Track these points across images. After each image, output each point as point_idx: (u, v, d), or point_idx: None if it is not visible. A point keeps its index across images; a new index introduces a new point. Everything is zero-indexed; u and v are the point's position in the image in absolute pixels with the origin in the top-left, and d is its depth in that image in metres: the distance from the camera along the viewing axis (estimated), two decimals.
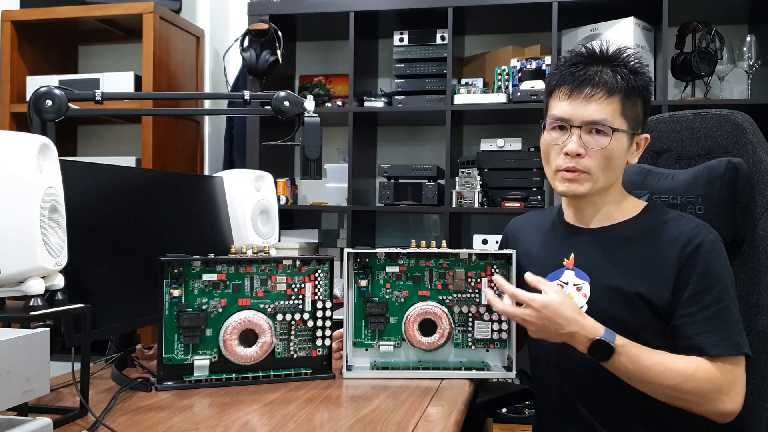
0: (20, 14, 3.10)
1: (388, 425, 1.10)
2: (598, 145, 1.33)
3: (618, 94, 1.33)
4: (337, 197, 3.13)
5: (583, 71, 1.34)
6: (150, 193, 1.50)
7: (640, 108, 1.37)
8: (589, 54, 1.38)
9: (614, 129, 1.32)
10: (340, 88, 3.32)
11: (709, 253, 1.31)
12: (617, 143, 1.34)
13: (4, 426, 0.80)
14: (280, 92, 1.58)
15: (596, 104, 1.32)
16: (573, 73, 1.35)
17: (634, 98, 1.35)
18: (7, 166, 1.01)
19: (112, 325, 1.31)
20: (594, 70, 1.34)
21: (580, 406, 1.39)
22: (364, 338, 1.45)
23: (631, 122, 1.35)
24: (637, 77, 1.35)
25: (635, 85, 1.35)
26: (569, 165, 1.34)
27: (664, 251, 1.33)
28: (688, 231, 1.33)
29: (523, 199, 2.88)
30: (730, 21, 2.97)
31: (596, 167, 1.34)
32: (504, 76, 2.97)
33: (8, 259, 1.01)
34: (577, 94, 1.34)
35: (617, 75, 1.34)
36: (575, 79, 1.34)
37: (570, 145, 1.33)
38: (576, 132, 1.33)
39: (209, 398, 1.25)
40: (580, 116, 1.33)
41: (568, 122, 1.34)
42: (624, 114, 1.34)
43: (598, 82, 1.33)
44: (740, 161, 1.44)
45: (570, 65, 1.37)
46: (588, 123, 1.33)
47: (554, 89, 1.38)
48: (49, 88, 1.44)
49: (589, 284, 1.37)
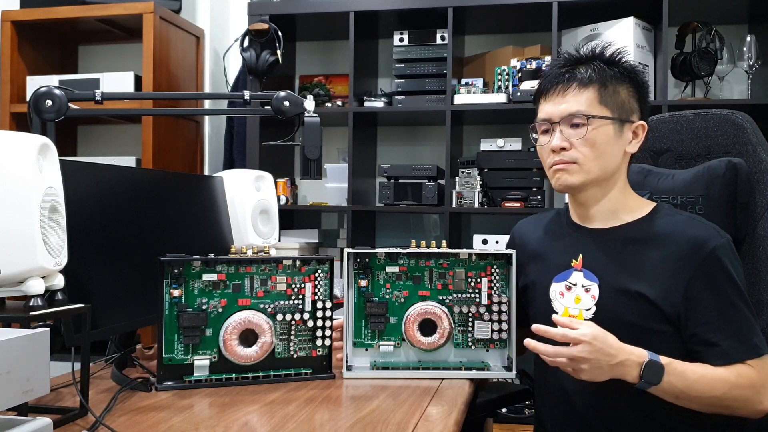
0: (20, 14, 3.09)
1: (388, 425, 1.10)
2: (578, 135, 1.36)
3: (592, 84, 1.37)
4: (337, 197, 3.13)
5: (558, 74, 1.40)
6: (150, 193, 1.50)
7: (626, 94, 1.39)
8: (565, 59, 1.43)
9: (590, 116, 1.35)
10: (340, 88, 3.32)
11: (722, 258, 1.31)
12: (599, 131, 1.35)
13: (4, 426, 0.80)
14: (280, 92, 1.58)
15: (571, 97, 1.37)
16: (551, 79, 1.41)
17: (614, 86, 1.37)
18: (7, 166, 1.01)
19: (112, 325, 1.31)
20: (566, 70, 1.40)
21: (584, 409, 1.39)
22: (364, 338, 1.45)
23: (615, 109, 1.37)
24: (613, 67, 1.39)
25: (612, 74, 1.38)
26: (556, 159, 1.38)
27: (674, 254, 1.32)
28: (699, 234, 1.33)
29: (523, 199, 2.88)
30: (730, 21, 2.97)
31: (583, 157, 1.36)
32: (504, 76, 2.96)
33: (8, 259, 1.01)
34: (553, 93, 1.39)
35: (589, 69, 1.38)
36: (551, 82, 1.41)
37: (554, 141, 1.38)
38: (557, 128, 1.38)
39: (209, 398, 1.25)
40: (558, 112, 1.38)
41: (549, 121, 1.39)
42: (603, 102, 1.36)
43: (570, 77, 1.38)
44: (740, 161, 1.44)
45: (548, 75, 1.43)
46: (566, 116, 1.37)
47: (538, 97, 1.45)
48: (49, 88, 1.44)
49: (598, 286, 1.37)
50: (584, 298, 1.37)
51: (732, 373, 1.27)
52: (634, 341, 1.28)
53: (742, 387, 1.27)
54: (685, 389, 1.25)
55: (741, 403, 1.28)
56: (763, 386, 1.28)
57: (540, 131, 1.43)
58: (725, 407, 1.28)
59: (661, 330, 1.32)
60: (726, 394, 1.26)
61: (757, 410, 1.29)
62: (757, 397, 1.28)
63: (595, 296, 1.37)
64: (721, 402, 1.27)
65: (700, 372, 1.27)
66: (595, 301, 1.36)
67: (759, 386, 1.28)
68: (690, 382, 1.25)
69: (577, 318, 1.36)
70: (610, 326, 1.29)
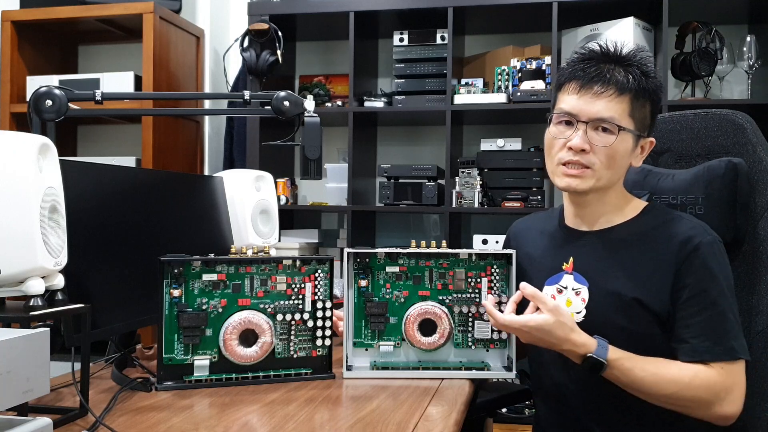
0: (20, 14, 3.10)
1: (388, 425, 1.10)
2: (604, 143, 1.32)
3: (628, 93, 1.32)
4: (337, 197, 3.13)
5: (596, 68, 1.34)
6: (150, 193, 1.50)
7: (648, 111, 1.37)
8: (603, 52, 1.37)
9: (621, 128, 1.32)
10: (340, 88, 3.32)
11: (706, 255, 1.30)
12: (622, 143, 1.33)
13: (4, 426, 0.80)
14: (280, 92, 1.58)
15: (605, 101, 1.32)
16: (584, 69, 1.34)
17: (643, 100, 1.35)
18: (7, 166, 1.01)
19: (112, 325, 1.31)
20: (606, 68, 1.34)
21: (579, 409, 1.39)
22: (364, 338, 1.45)
23: (638, 124, 1.35)
24: (648, 80, 1.35)
25: (646, 87, 1.34)
26: (572, 158, 1.34)
27: (661, 253, 1.32)
28: (685, 231, 1.32)
29: (523, 199, 2.88)
30: (730, 21, 2.97)
31: (599, 164, 1.33)
32: (504, 76, 2.97)
33: (8, 259, 1.01)
34: (587, 90, 1.33)
35: (629, 75, 1.33)
36: (586, 75, 1.34)
37: (575, 140, 1.33)
38: (582, 127, 1.32)
39: (209, 398, 1.25)
40: (587, 112, 1.32)
41: (575, 117, 1.33)
42: (632, 114, 1.33)
43: (609, 79, 1.32)
44: (740, 161, 1.44)
45: (582, 61, 1.36)
46: (595, 120, 1.32)
47: (564, 84, 1.38)
48: (49, 88, 1.44)
49: (588, 289, 1.37)
50: (575, 301, 1.38)
51: (688, 373, 1.25)
52: (623, 343, 1.28)
53: (696, 388, 1.24)
54: (630, 383, 1.27)
55: (695, 404, 1.26)
56: (725, 390, 1.25)
57: (557, 121, 1.37)
58: (684, 407, 1.27)
59: (651, 333, 1.31)
60: (676, 393, 1.25)
61: (716, 414, 1.26)
62: (715, 400, 1.25)
63: (585, 299, 1.37)
64: (675, 401, 1.26)
65: (650, 370, 1.26)
66: (585, 304, 1.36)
67: (719, 390, 1.25)
68: (636, 378, 1.26)
69: None
70: (599, 329, 1.30)
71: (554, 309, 1.27)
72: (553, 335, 1.26)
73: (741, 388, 1.27)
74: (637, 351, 1.28)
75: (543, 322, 1.26)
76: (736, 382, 1.26)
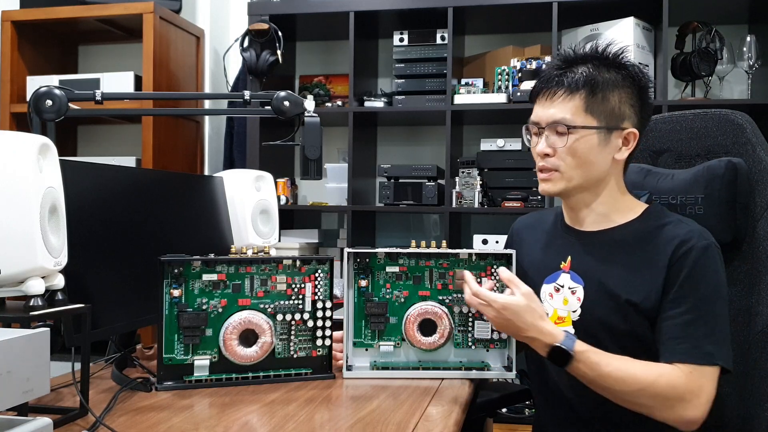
0: (20, 14, 3.10)
1: (388, 425, 1.10)
2: (561, 144, 1.35)
3: (580, 91, 1.34)
4: (337, 197, 3.13)
5: (554, 74, 1.37)
6: (150, 193, 1.50)
7: (618, 100, 1.35)
8: (562, 59, 1.40)
9: (570, 127, 1.33)
10: (340, 88, 3.32)
11: (697, 259, 1.29)
12: (582, 141, 1.34)
13: (4, 426, 0.80)
14: (280, 92, 1.58)
15: (558, 104, 1.36)
16: (547, 79, 1.39)
17: (603, 92, 1.34)
18: (7, 166, 1.01)
19: (112, 325, 1.31)
20: (559, 73, 1.37)
21: (579, 409, 1.39)
22: (364, 338, 1.45)
23: (602, 117, 1.34)
24: (610, 69, 1.35)
25: (605, 79, 1.34)
26: (540, 164, 1.39)
27: (656, 256, 1.32)
28: (681, 235, 1.32)
29: (523, 199, 2.88)
30: (730, 21, 2.96)
31: (566, 165, 1.36)
32: (504, 76, 2.97)
33: (8, 259, 1.01)
34: (543, 96, 1.39)
35: (581, 73, 1.35)
36: (543, 83, 1.39)
37: (539, 146, 1.38)
38: (544, 133, 1.37)
39: (209, 398, 1.25)
40: (545, 117, 1.37)
41: (537, 125, 1.39)
42: (589, 110, 1.34)
43: (558, 82, 1.36)
44: (740, 161, 1.44)
45: (545, 72, 1.41)
46: (550, 123, 1.36)
47: (533, 97, 1.44)
48: (49, 88, 1.44)
49: (583, 288, 1.37)
50: (571, 300, 1.38)
51: (652, 373, 1.25)
52: (616, 343, 1.29)
53: (659, 388, 1.23)
54: (594, 378, 1.27)
55: (658, 404, 1.24)
56: (690, 393, 1.23)
57: (532, 132, 1.43)
58: (645, 407, 1.26)
59: (644, 334, 1.31)
60: (640, 392, 1.24)
61: (678, 417, 1.24)
62: (678, 402, 1.23)
63: (581, 299, 1.37)
64: (637, 399, 1.25)
65: (616, 365, 1.26)
66: (580, 303, 1.37)
67: (683, 391, 1.23)
68: (600, 373, 1.26)
69: (565, 320, 1.38)
70: (592, 328, 1.31)
71: (527, 294, 1.29)
72: (521, 318, 1.27)
73: (708, 394, 1.24)
74: (629, 352, 1.28)
75: (514, 302, 1.28)
76: (704, 386, 1.24)
